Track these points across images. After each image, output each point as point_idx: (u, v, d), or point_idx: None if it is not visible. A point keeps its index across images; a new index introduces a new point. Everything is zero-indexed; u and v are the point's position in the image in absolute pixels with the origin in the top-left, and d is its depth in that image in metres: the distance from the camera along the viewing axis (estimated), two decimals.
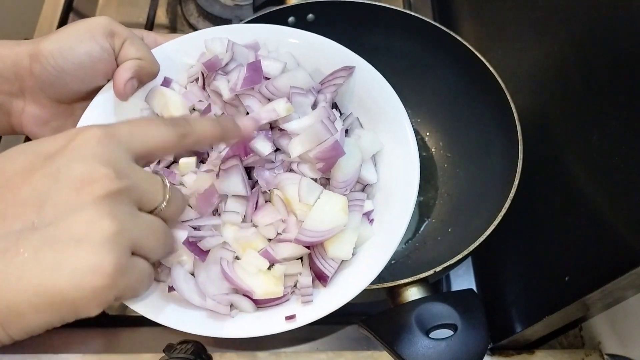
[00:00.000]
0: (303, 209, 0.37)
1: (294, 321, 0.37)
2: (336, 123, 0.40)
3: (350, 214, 0.38)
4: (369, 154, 0.41)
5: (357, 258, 0.39)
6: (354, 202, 0.39)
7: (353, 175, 0.39)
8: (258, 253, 0.38)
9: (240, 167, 0.38)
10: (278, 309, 0.38)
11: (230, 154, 0.38)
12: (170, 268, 0.38)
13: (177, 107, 0.41)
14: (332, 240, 0.37)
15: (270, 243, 0.38)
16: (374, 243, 0.39)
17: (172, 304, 0.38)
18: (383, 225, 0.40)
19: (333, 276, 0.38)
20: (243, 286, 0.37)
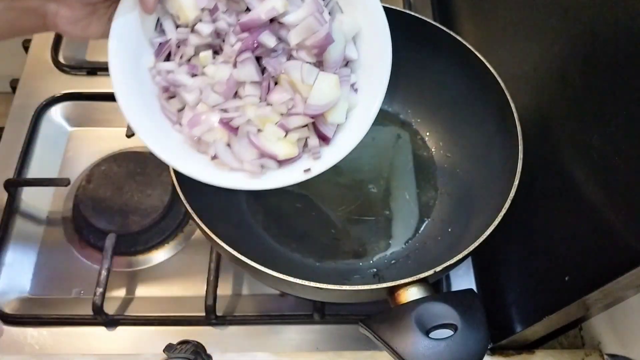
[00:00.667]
0: (305, 88, 0.47)
1: (310, 172, 0.48)
2: (324, 14, 0.47)
3: (341, 88, 0.48)
4: (350, 36, 0.50)
5: (349, 121, 0.50)
6: (342, 77, 0.48)
7: (340, 56, 0.48)
8: (275, 125, 0.48)
9: (252, 59, 0.47)
10: (296, 165, 0.49)
11: (243, 48, 0.46)
12: (210, 143, 0.48)
13: (191, 9, 0.46)
14: (329, 110, 0.48)
15: (283, 117, 0.48)
16: (361, 108, 0.50)
17: (218, 171, 0.48)
18: (366, 93, 0.50)
19: (333, 137, 0.49)
20: (268, 151, 0.47)
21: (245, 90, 0.48)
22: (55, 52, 0.79)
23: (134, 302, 0.62)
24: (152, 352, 0.54)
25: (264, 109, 0.48)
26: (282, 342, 0.60)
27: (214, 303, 0.58)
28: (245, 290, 0.63)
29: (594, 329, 0.59)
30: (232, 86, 0.47)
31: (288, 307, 0.61)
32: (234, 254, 0.47)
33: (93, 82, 0.77)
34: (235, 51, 0.47)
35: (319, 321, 0.60)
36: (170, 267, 0.65)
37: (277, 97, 0.48)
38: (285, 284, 0.48)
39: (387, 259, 0.60)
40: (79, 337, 0.60)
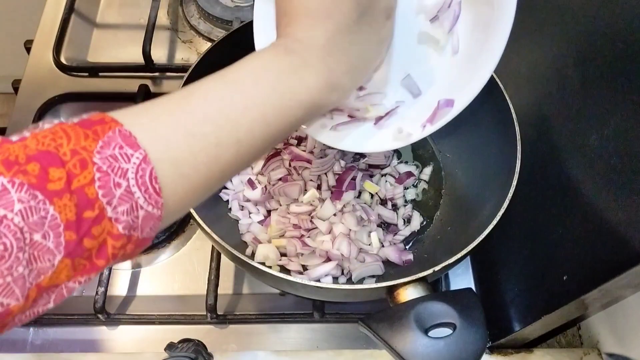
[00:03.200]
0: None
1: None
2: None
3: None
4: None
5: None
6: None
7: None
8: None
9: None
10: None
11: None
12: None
13: None
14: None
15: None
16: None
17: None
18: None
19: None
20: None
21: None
22: (57, 53, 0.79)
23: (135, 301, 0.63)
24: (153, 350, 0.54)
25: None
26: (282, 341, 0.60)
27: (214, 302, 0.59)
28: (245, 289, 0.64)
29: (592, 328, 0.59)
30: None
31: (288, 306, 0.62)
32: (235, 254, 0.48)
33: (95, 83, 0.77)
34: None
35: (319, 320, 0.60)
36: (171, 266, 0.65)
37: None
38: (285, 283, 0.48)
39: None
40: (80, 336, 0.60)
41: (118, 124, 0.30)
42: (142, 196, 0.29)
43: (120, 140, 0.29)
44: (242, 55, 0.64)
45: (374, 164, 0.65)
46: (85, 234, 0.28)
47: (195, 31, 0.84)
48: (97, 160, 0.28)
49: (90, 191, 0.27)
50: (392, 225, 0.62)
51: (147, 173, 0.29)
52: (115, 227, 0.29)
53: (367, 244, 0.59)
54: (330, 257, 0.57)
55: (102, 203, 0.28)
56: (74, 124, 0.29)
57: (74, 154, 0.28)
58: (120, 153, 0.29)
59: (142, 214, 0.30)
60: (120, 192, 0.28)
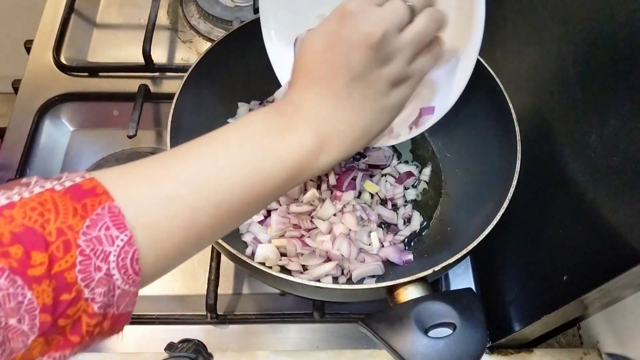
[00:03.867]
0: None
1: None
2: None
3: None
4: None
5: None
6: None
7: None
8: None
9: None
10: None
11: None
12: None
13: None
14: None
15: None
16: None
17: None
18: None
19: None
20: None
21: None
22: (57, 53, 0.79)
23: None
24: (153, 350, 0.54)
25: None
26: (282, 341, 0.60)
27: (214, 302, 0.59)
28: (245, 289, 0.64)
29: (592, 328, 0.59)
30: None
31: (288, 306, 0.62)
32: (235, 254, 0.48)
33: (94, 83, 0.77)
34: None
35: (319, 320, 0.60)
36: None
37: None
38: (285, 283, 0.48)
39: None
40: None
41: (109, 198, 0.29)
42: (120, 278, 0.29)
43: (108, 219, 0.29)
44: (241, 55, 0.65)
45: (374, 164, 0.65)
46: (60, 315, 0.27)
47: (195, 31, 0.84)
48: (81, 242, 0.28)
49: (70, 275, 0.27)
50: (392, 225, 0.62)
51: (129, 256, 0.29)
52: (91, 306, 0.28)
53: (367, 244, 0.59)
54: (330, 257, 0.57)
55: (80, 286, 0.28)
56: (65, 191, 0.29)
57: (59, 234, 0.27)
58: (105, 235, 0.28)
59: (118, 293, 0.29)
60: (99, 275, 0.28)
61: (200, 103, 0.60)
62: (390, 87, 0.40)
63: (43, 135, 0.74)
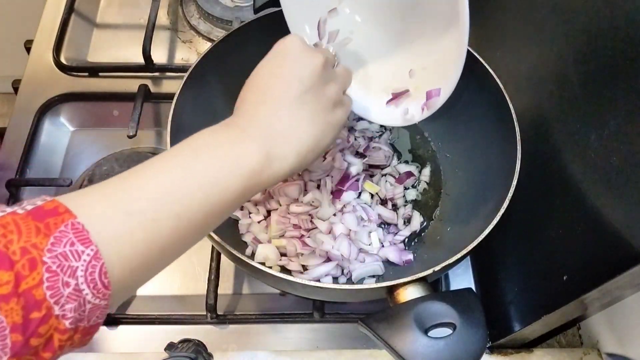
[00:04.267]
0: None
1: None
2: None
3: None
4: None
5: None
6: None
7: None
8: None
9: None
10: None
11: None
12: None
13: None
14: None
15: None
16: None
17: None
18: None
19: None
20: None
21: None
22: (57, 53, 0.79)
23: (135, 301, 0.63)
24: (153, 350, 0.54)
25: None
26: (282, 341, 0.60)
27: (214, 302, 0.59)
28: (245, 289, 0.64)
29: (592, 328, 0.59)
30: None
31: (288, 306, 0.62)
32: (235, 254, 0.48)
33: (95, 83, 0.77)
34: None
35: (319, 320, 0.60)
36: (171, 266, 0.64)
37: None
38: (285, 283, 0.48)
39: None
40: None
41: (72, 216, 0.30)
42: (90, 292, 0.29)
43: (72, 235, 0.29)
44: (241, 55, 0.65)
45: (374, 164, 0.65)
46: (32, 334, 0.27)
47: (195, 31, 0.84)
48: (47, 259, 0.28)
49: (38, 293, 0.27)
50: (392, 225, 0.62)
51: (97, 270, 0.29)
52: (62, 322, 0.28)
53: (367, 244, 0.59)
54: (330, 257, 0.57)
55: (49, 303, 0.28)
56: (27, 213, 0.29)
57: (24, 253, 0.27)
58: (71, 251, 0.29)
59: (89, 307, 0.29)
60: (68, 291, 0.28)
61: (200, 103, 0.60)
62: (332, 106, 0.44)
63: (43, 135, 0.74)
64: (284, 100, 0.41)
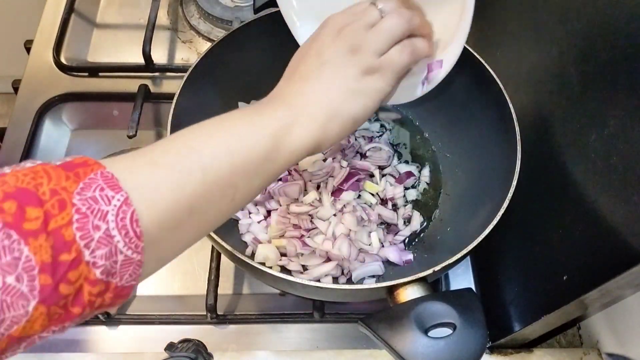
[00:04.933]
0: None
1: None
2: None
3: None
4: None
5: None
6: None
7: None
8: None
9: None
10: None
11: None
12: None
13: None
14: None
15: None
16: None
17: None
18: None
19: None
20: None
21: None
22: (57, 53, 0.79)
23: (135, 301, 0.63)
24: (153, 350, 0.54)
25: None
26: (282, 341, 0.60)
27: (214, 302, 0.59)
28: (245, 289, 0.64)
29: (592, 328, 0.59)
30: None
31: (288, 306, 0.62)
32: (235, 254, 0.48)
33: (94, 83, 0.77)
34: None
35: (319, 320, 0.60)
36: (171, 266, 0.65)
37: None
38: (285, 283, 0.48)
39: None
40: (80, 336, 0.60)
41: (101, 167, 0.30)
42: (122, 240, 0.29)
43: (102, 182, 0.29)
44: (241, 55, 0.65)
45: (374, 164, 0.65)
46: (61, 278, 0.26)
47: (195, 31, 0.84)
48: (76, 201, 0.28)
49: (68, 233, 0.27)
50: (392, 225, 0.62)
51: (128, 216, 0.29)
52: (93, 271, 0.28)
53: (367, 244, 0.59)
54: (330, 257, 0.57)
55: (79, 246, 0.27)
56: (56, 165, 0.29)
57: (53, 194, 0.27)
58: (100, 195, 0.28)
59: (121, 259, 0.29)
60: (99, 234, 0.28)
61: (200, 103, 0.60)
62: (362, 74, 0.42)
63: (43, 135, 0.74)
64: (304, 75, 0.42)
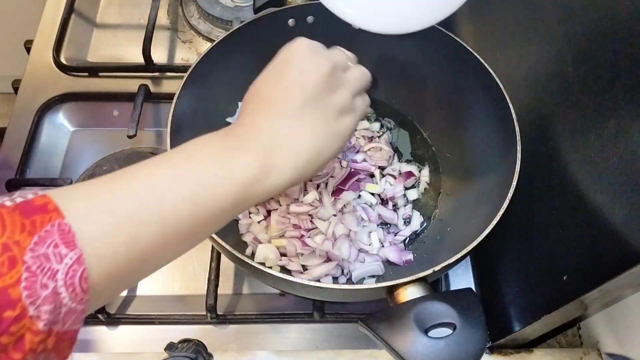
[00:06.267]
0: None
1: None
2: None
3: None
4: None
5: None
6: None
7: None
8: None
9: None
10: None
11: None
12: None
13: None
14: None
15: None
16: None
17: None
18: None
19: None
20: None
21: None
22: (57, 53, 0.79)
23: (135, 301, 0.63)
24: (153, 350, 0.54)
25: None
26: (282, 341, 0.60)
27: (214, 302, 0.59)
28: (245, 289, 0.64)
29: (592, 328, 0.59)
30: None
31: (288, 306, 0.62)
32: (235, 254, 0.48)
33: (94, 83, 0.77)
34: None
35: (319, 320, 0.60)
36: (171, 266, 0.65)
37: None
38: (285, 283, 0.48)
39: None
40: (80, 336, 0.60)
41: (60, 215, 0.29)
42: (67, 296, 0.28)
43: (57, 236, 0.28)
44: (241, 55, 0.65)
45: (374, 164, 0.65)
46: (3, 332, 0.27)
47: (195, 31, 0.84)
48: (27, 258, 0.27)
49: (15, 292, 0.27)
50: (392, 225, 0.62)
51: (78, 274, 0.29)
52: (36, 324, 0.28)
53: (367, 244, 0.59)
54: (330, 257, 0.57)
55: (25, 304, 0.27)
56: (15, 206, 0.28)
57: (4, 250, 0.27)
58: (54, 252, 0.28)
59: (64, 310, 0.29)
60: (46, 293, 0.28)
61: (200, 103, 0.60)
62: (338, 114, 0.42)
63: (43, 135, 0.74)
64: (283, 110, 0.39)
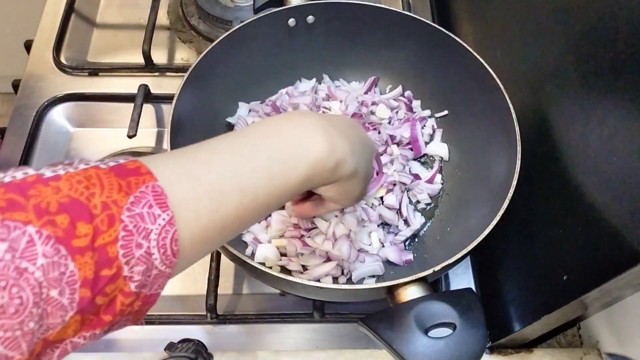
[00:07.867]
0: None
1: None
2: None
3: None
4: None
5: None
6: None
7: None
8: None
9: None
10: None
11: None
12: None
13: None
14: None
15: None
16: None
17: None
18: None
19: None
20: None
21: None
22: (57, 53, 0.79)
23: None
24: (153, 350, 0.54)
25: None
26: (282, 341, 0.60)
27: (214, 302, 0.59)
28: (245, 289, 0.64)
29: (592, 327, 0.59)
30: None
31: (288, 306, 0.62)
32: (235, 254, 0.48)
33: (95, 83, 0.77)
34: None
35: (319, 320, 0.60)
36: None
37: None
38: (285, 283, 0.48)
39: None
40: None
41: (152, 178, 0.30)
42: (159, 257, 0.30)
43: (151, 197, 0.30)
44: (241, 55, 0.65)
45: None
46: (99, 291, 0.28)
47: (195, 31, 0.84)
48: (124, 217, 0.28)
49: (112, 250, 0.28)
50: (393, 225, 0.62)
51: (170, 235, 0.30)
52: (128, 285, 0.29)
53: (367, 244, 0.59)
54: (330, 257, 0.57)
55: (120, 262, 0.28)
56: (109, 169, 0.30)
57: (104, 208, 0.28)
58: (148, 213, 0.29)
59: (154, 273, 0.30)
60: (140, 252, 0.29)
61: (200, 103, 0.60)
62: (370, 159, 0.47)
63: (43, 135, 0.74)
64: (343, 125, 0.42)
